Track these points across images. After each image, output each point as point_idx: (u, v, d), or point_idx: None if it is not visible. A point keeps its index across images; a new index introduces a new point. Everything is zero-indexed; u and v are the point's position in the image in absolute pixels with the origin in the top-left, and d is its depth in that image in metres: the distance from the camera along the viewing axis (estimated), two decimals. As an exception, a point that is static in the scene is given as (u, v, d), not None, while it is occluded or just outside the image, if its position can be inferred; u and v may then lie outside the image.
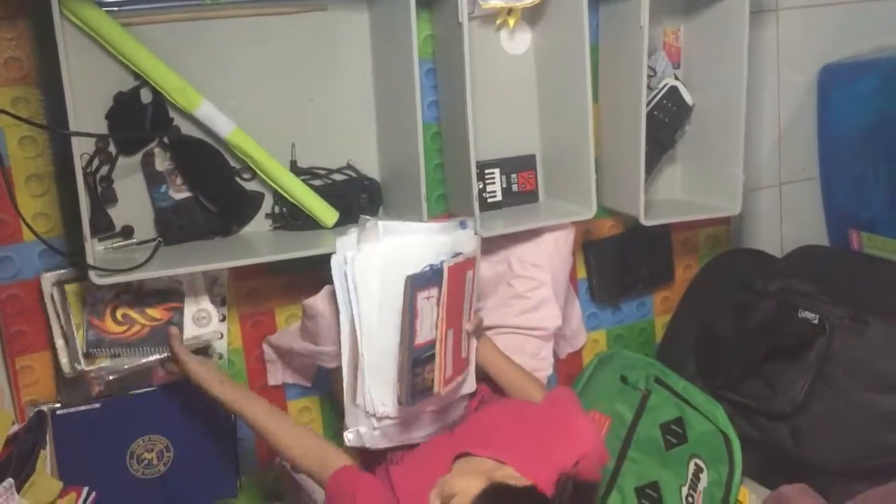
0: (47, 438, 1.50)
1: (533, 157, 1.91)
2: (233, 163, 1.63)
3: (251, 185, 1.66)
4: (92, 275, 1.38)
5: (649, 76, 1.92)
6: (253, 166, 1.62)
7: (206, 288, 1.61)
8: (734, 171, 1.92)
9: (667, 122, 1.96)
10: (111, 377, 1.55)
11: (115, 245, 1.55)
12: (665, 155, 2.01)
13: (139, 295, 1.51)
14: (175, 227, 1.59)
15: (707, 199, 2.01)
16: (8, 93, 1.47)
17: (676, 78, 1.98)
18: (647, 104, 1.88)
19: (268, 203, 1.68)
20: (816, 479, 1.75)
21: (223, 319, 1.64)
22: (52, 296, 1.50)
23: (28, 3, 1.45)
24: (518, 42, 1.85)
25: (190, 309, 1.57)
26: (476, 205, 1.67)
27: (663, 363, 1.95)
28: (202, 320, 1.57)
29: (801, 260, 2.10)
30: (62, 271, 1.51)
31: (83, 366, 1.49)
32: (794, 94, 2.23)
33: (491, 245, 1.76)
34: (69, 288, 1.49)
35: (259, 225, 1.68)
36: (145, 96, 1.55)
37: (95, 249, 1.49)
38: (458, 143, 1.69)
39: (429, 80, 1.77)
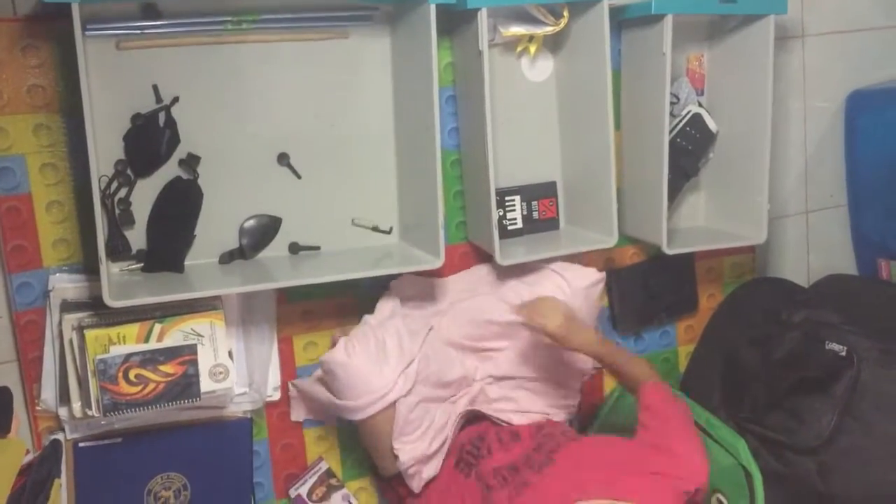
0: (63, 468, 1.50)
1: (554, 184, 1.89)
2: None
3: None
4: (105, 296, 1.38)
5: (672, 103, 1.90)
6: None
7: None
8: (759, 200, 1.89)
9: (690, 150, 1.94)
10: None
11: (130, 268, 1.56)
12: (688, 182, 1.99)
13: (149, 354, 1.50)
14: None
15: (731, 228, 1.98)
16: (30, 120, 1.49)
17: (700, 105, 1.96)
18: (671, 131, 1.86)
19: (290, 228, 1.68)
20: (844, 516, 1.70)
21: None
22: (70, 340, 1.49)
23: (53, 28, 1.46)
24: (539, 69, 1.84)
25: (206, 362, 1.54)
26: (495, 232, 1.65)
27: (687, 394, 1.92)
28: (218, 375, 1.55)
29: (829, 290, 2.07)
30: (84, 314, 1.50)
31: (94, 413, 1.48)
32: (821, 121, 2.20)
33: (516, 293, 1.74)
34: (89, 333, 1.48)
35: (277, 250, 1.68)
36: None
37: (111, 272, 1.49)
38: (478, 170, 1.68)
39: (449, 106, 1.77)
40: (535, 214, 1.88)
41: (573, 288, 1.71)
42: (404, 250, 1.72)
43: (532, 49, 1.78)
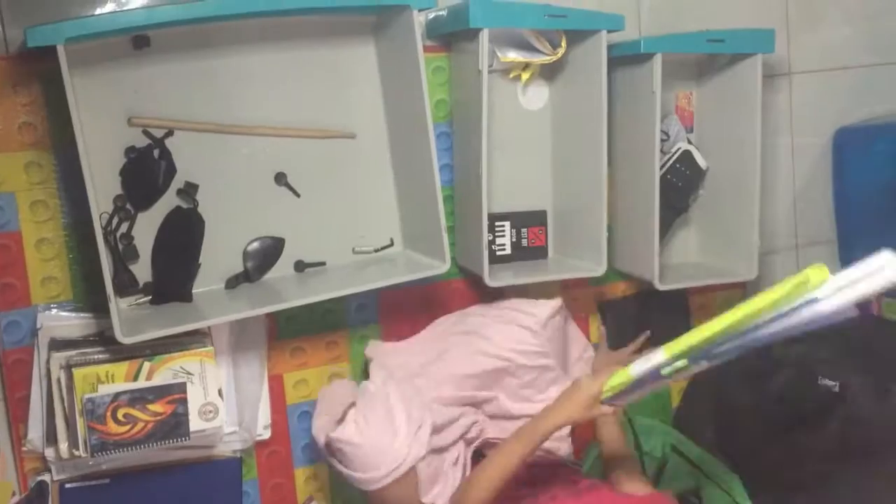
0: (49, 510, 1.48)
1: (544, 212, 1.90)
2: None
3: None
4: (118, 333, 1.36)
5: (662, 140, 1.92)
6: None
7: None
8: (750, 236, 1.90)
9: (680, 186, 1.95)
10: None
11: (138, 302, 1.55)
12: (679, 218, 2.00)
13: (138, 393, 1.48)
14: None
15: (722, 263, 1.99)
16: (21, 158, 1.48)
17: (689, 142, 1.98)
18: (661, 168, 1.87)
19: (294, 247, 1.67)
20: (840, 553, 1.69)
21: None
22: (58, 379, 1.47)
23: (42, 66, 1.46)
24: (535, 97, 1.85)
25: (195, 401, 1.52)
26: (485, 252, 1.66)
27: (680, 430, 1.91)
28: (208, 414, 1.54)
29: (820, 325, 2.06)
30: (72, 353, 1.48)
31: (81, 453, 1.46)
32: (810, 157, 2.21)
33: (484, 338, 1.71)
34: (77, 372, 1.46)
35: (283, 270, 1.67)
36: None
37: (120, 308, 1.47)
38: (472, 191, 1.68)
39: (442, 143, 1.77)
40: (525, 242, 1.88)
41: (539, 319, 1.69)
42: (410, 258, 1.72)
43: (525, 77, 1.79)
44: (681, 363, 1.33)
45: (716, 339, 1.27)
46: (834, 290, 1.12)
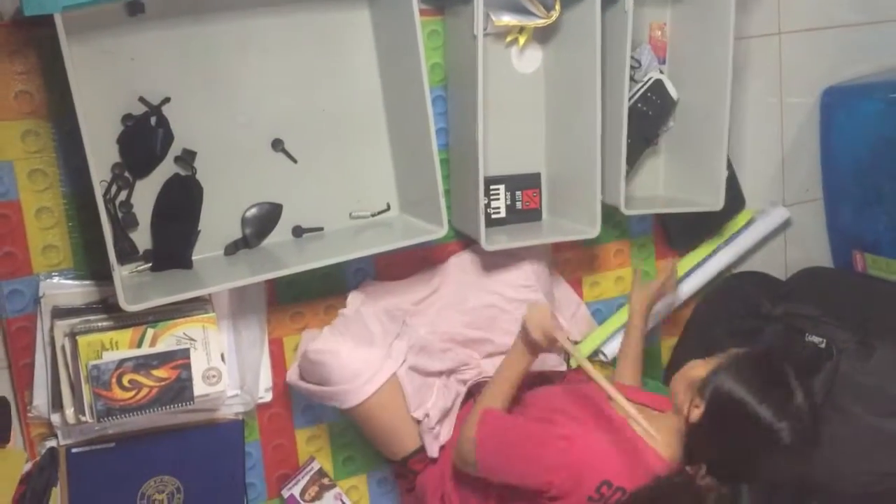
0: (59, 475, 1.50)
1: (538, 175, 1.91)
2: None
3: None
4: (122, 301, 1.37)
5: (634, 68, 1.89)
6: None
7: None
8: (719, 168, 1.90)
9: (650, 115, 1.93)
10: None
11: (139, 269, 1.56)
12: (648, 149, 1.99)
13: (142, 359, 1.51)
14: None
15: (690, 195, 1.98)
16: (18, 126, 1.47)
17: (661, 72, 1.96)
18: (631, 97, 1.86)
19: (291, 213, 1.69)
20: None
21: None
22: (63, 346, 1.49)
23: (38, 34, 1.44)
24: (529, 61, 1.85)
25: (199, 366, 1.55)
26: (482, 217, 1.67)
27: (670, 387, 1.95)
28: (211, 378, 1.56)
29: (806, 282, 2.11)
30: (76, 321, 1.50)
31: (88, 418, 1.48)
32: (797, 116, 2.23)
33: (475, 276, 1.78)
34: (81, 339, 1.47)
35: (281, 236, 1.68)
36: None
37: (122, 276, 1.48)
38: (467, 156, 1.69)
39: (437, 107, 1.76)
40: (519, 205, 1.89)
41: (521, 263, 1.78)
42: (407, 222, 1.73)
43: (521, 40, 1.79)
44: None
45: None
46: None
